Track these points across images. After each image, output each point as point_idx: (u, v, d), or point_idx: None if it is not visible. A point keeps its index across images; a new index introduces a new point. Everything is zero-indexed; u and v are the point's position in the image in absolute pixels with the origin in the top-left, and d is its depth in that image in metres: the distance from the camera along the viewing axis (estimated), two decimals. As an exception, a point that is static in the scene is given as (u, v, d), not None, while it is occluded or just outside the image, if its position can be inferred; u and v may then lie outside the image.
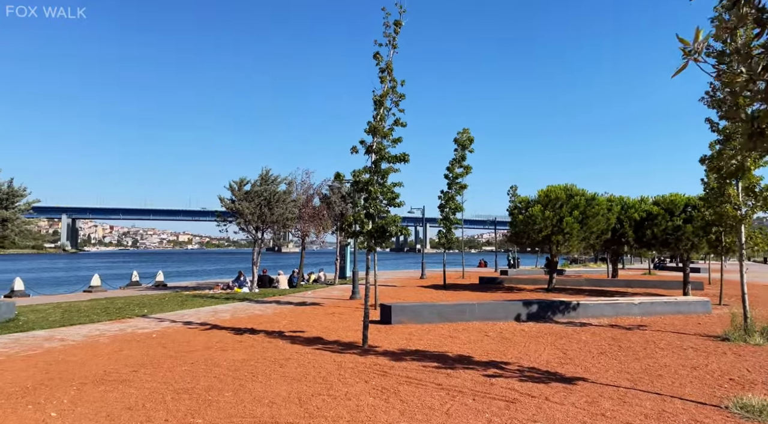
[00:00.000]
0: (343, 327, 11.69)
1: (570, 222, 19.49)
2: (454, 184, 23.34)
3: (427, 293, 20.87)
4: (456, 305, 12.50)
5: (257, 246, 21.60)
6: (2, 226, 12.50)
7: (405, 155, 9.74)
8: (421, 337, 10.42)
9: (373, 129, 9.77)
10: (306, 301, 17.47)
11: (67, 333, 10.74)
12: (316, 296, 19.22)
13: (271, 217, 20.74)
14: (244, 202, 20.10)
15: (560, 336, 10.67)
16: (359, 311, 14.52)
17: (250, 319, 12.97)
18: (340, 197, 24.88)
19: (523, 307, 12.91)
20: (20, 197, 13.09)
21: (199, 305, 15.91)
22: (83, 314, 13.62)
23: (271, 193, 20.72)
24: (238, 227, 21.25)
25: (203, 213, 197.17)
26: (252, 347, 9.29)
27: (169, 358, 8.30)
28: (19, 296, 19.06)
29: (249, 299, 17.99)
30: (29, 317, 13.14)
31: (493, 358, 8.51)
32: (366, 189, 9.79)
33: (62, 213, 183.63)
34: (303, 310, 14.88)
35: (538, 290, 22.06)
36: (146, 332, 10.85)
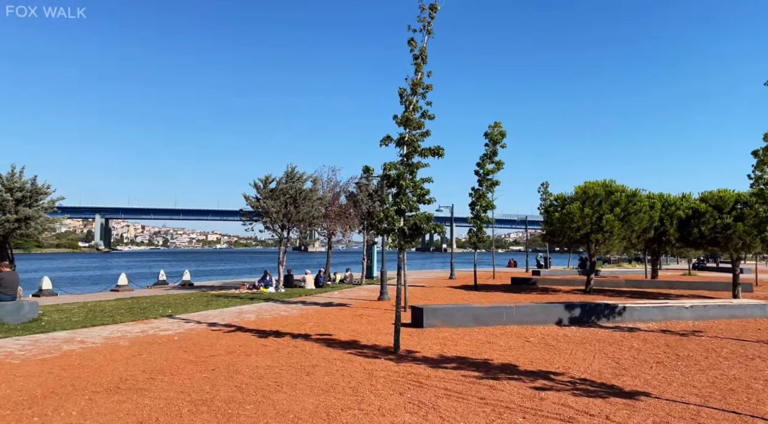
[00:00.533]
0: (373, 330, 11.05)
1: (610, 220, 18.44)
2: (485, 181, 22.44)
3: (458, 294, 20.09)
4: (492, 307, 11.72)
5: (283, 245, 21.17)
6: (25, 224, 12.29)
7: (439, 148, 9.03)
8: (456, 342, 9.70)
9: (405, 120, 9.10)
10: (333, 302, 16.91)
11: (88, 335, 10.39)
12: (343, 297, 18.65)
13: (297, 215, 20.26)
14: (270, 201, 19.67)
15: (608, 342, 9.80)
16: (389, 312, 13.88)
17: (276, 320, 12.45)
18: (367, 195, 24.31)
19: (565, 310, 12.05)
20: (44, 195, 12.87)
21: (224, 306, 15.51)
22: (107, 315, 13.34)
23: (296, 191, 20.24)
24: (264, 225, 20.85)
25: (231, 213, 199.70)
26: (277, 351, 8.73)
27: (189, 363, 7.79)
28: (47, 294, 19.06)
29: (275, 300, 17.54)
30: (53, 317, 12.91)
31: (539, 367, 7.74)
32: (396, 184, 9.12)
33: (96, 213, 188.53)
34: (330, 311, 14.31)
35: (575, 292, 21.03)
36: (168, 335, 10.42)
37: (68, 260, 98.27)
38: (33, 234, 12.41)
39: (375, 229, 9.36)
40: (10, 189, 12.29)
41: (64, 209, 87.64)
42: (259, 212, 20.65)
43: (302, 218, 20.42)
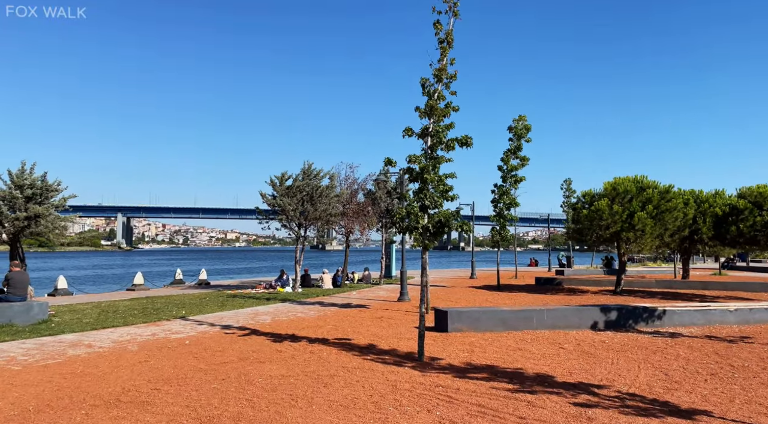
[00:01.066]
0: (394, 334, 10.40)
1: (642, 217, 17.49)
2: (508, 177, 21.62)
3: (481, 294, 19.34)
4: (521, 310, 10.98)
5: (300, 244, 20.65)
6: (35, 222, 11.92)
7: (467, 138, 8.34)
8: (484, 348, 9.00)
9: (429, 109, 8.44)
10: (351, 302, 16.31)
11: (97, 338, 9.94)
12: (362, 297, 18.05)
13: (314, 213, 19.72)
14: (286, 198, 19.15)
15: (651, 350, 9.01)
16: (410, 315, 13.23)
17: (292, 323, 11.89)
18: (386, 193, 23.67)
19: (600, 313, 11.24)
20: (54, 193, 12.50)
21: (239, 306, 15.02)
22: (119, 316, 12.93)
23: (313, 188, 19.69)
24: (280, 223, 20.35)
25: (249, 211, 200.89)
26: (292, 358, 8.14)
27: (198, 371, 7.24)
28: (62, 294, 18.83)
29: (291, 300, 17.01)
30: (64, 318, 12.54)
31: (579, 378, 7.01)
32: (420, 178, 8.45)
33: (118, 212, 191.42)
34: (348, 313, 13.71)
35: (603, 293, 20.11)
36: (179, 338, 9.91)
37: (91, 258, 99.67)
38: (43, 232, 12.05)
39: (397, 227, 8.71)
40: (20, 186, 11.94)
41: (87, 208, 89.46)
42: (276, 209, 20.16)
43: (319, 216, 19.87)
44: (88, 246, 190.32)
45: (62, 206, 12.73)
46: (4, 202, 11.71)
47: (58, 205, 12.62)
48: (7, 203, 11.78)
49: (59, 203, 12.67)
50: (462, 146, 8.39)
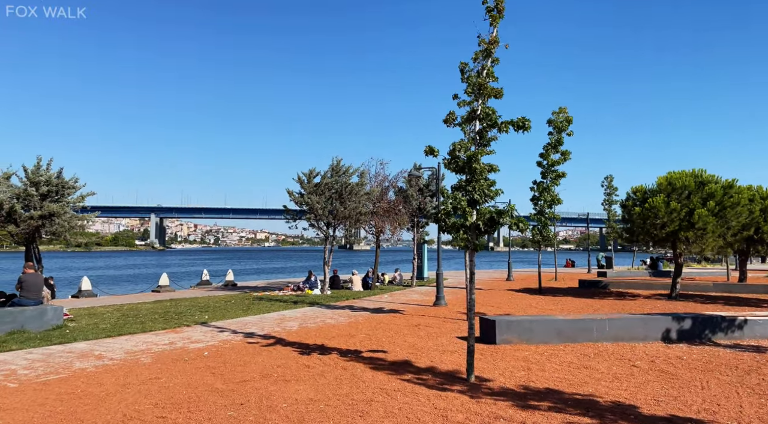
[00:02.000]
0: (435, 346, 9.25)
1: (703, 215, 15.86)
2: (549, 172, 20.14)
3: (523, 299, 17.99)
4: (578, 320, 9.68)
5: (329, 244, 19.69)
6: (49, 221, 11.22)
7: (524, 120, 7.13)
8: (542, 366, 7.77)
9: (477, 87, 7.26)
10: (383, 307, 15.22)
11: (110, 347, 9.10)
12: (395, 301, 16.94)
13: (343, 211, 18.72)
14: (314, 196, 18.21)
15: (743, 370, 7.61)
16: (449, 322, 12.05)
17: (321, 331, 10.87)
18: (418, 190, 22.53)
19: (670, 322, 9.85)
20: (71, 190, 11.80)
21: (265, 310, 14.11)
22: (138, 321, 12.15)
23: (342, 186, 18.69)
24: (308, 222, 19.44)
25: (278, 211, 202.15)
26: (322, 376, 7.08)
27: (214, 393, 6.25)
28: (86, 296, 18.34)
29: (320, 304, 16.03)
30: (81, 323, 11.83)
31: (669, 409, 5.73)
32: (468, 168, 7.29)
33: (151, 212, 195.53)
34: (381, 319, 12.61)
35: (656, 297, 18.49)
36: (198, 348, 8.99)
37: (125, 258, 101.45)
38: (59, 232, 11.36)
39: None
40: (36, 183, 11.29)
41: (121, 209, 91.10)
42: (304, 208, 19.26)
43: (349, 215, 18.87)
44: (123, 246, 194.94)
45: (79, 204, 12.03)
46: (18, 200, 11.07)
47: (75, 203, 11.92)
48: (21, 201, 11.14)
49: (76, 201, 11.97)
50: (518, 130, 7.19)
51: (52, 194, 11.48)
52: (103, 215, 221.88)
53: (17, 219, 11.04)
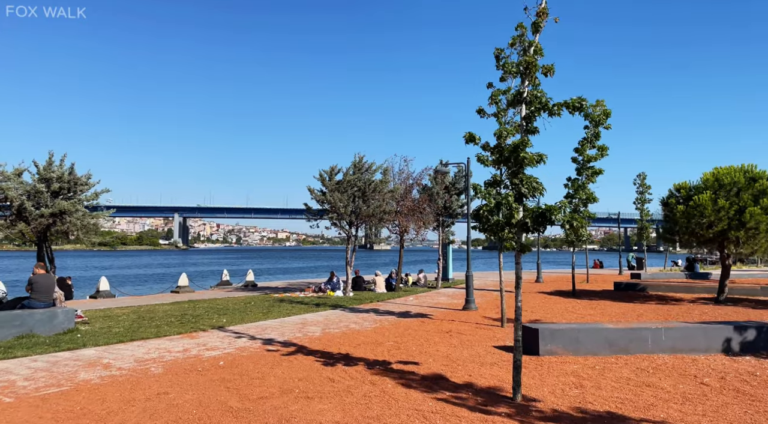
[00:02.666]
0: (470, 356, 8.40)
1: (756, 213, 14.64)
2: (585, 169, 19.04)
3: (557, 302, 16.97)
4: (631, 329, 8.71)
5: (351, 244, 18.95)
6: (60, 219, 10.69)
7: (581, 100, 6.23)
8: (597, 382, 6.85)
9: (525, 66, 6.39)
10: (410, 311, 14.40)
11: (120, 354, 8.48)
12: (421, 304, 16.09)
13: (366, 210, 17.94)
14: (336, 194, 17.47)
15: (832, 391, 6.58)
16: (482, 328, 11.16)
17: (345, 337, 10.10)
18: (444, 188, 21.64)
19: (734, 332, 8.80)
20: (85, 187, 11.27)
21: (286, 313, 13.42)
22: (154, 324, 11.57)
23: (366, 183, 17.92)
24: (330, 221, 18.73)
25: (299, 211, 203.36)
26: (348, 392, 6.30)
27: (227, 413, 5.52)
28: (104, 296, 17.94)
29: (343, 306, 15.29)
30: (94, 326, 11.29)
31: (764, 444, 4.79)
32: (514, 157, 6.42)
33: (174, 212, 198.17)
34: (409, 325, 11.79)
35: (701, 301, 17.26)
36: (213, 356, 8.31)
37: (150, 257, 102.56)
38: (71, 230, 10.84)
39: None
40: (47, 179, 10.78)
41: (146, 208, 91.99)
42: (325, 207, 18.56)
43: (372, 213, 18.08)
44: (147, 245, 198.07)
45: (93, 202, 11.49)
46: (28, 198, 10.58)
47: (88, 201, 11.39)
48: (32, 199, 10.65)
49: (90, 198, 11.44)
50: (574, 112, 6.29)
51: (64, 191, 10.96)
52: (128, 214, 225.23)
53: (28, 217, 10.54)
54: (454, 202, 22.01)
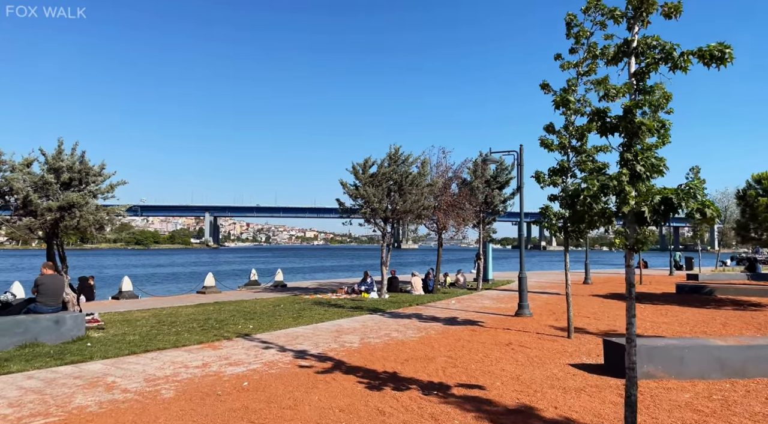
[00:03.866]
0: (546, 379, 6.86)
1: None
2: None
3: (619, 308, 15.18)
4: (749, 347, 7.02)
5: (386, 242, 17.54)
6: (68, 214, 9.59)
7: (723, 46, 4.63)
8: (727, 421, 5.24)
9: (638, 4, 4.84)
10: (456, 316, 12.88)
11: (129, 370, 7.25)
12: (466, 309, 14.55)
13: (403, 205, 16.48)
14: (370, 188, 16.08)
15: None
16: (546, 340, 9.57)
17: (388, 349, 8.68)
18: (485, 182, 20.03)
19: None
20: (97, 178, 10.15)
21: (318, 319, 12.09)
22: (173, 331, 10.38)
23: (402, 176, 16.47)
24: (364, 218, 17.36)
25: (327, 210, 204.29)
26: (404, 431, 4.87)
27: (249, 463, 4.15)
28: (127, 297, 17.00)
29: (380, 310, 13.88)
30: (108, 332, 10.17)
31: None
32: (626, 126, 4.87)
33: (205, 211, 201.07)
34: (459, 334, 10.29)
35: (785, 307, 15.21)
36: (236, 375, 6.99)
37: (181, 255, 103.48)
38: (82, 226, 9.74)
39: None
40: (56, 170, 9.71)
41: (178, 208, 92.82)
42: (357, 203, 17.20)
43: (409, 209, 16.62)
44: (179, 244, 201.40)
45: (109, 194, 10.37)
46: (35, 190, 9.52)
47: (102, 194, 10.28)
48: (39, 191, 9.59)
49: (105, 191, 10.32)
50: (710, 64, 4.70)
51: (75, 183, 9.87)
52: (161, 214, 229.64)
53: (35, 211, 9.48)
54: (495, 197, 20.36)
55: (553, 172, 10.09)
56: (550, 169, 10.13)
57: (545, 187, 10.26)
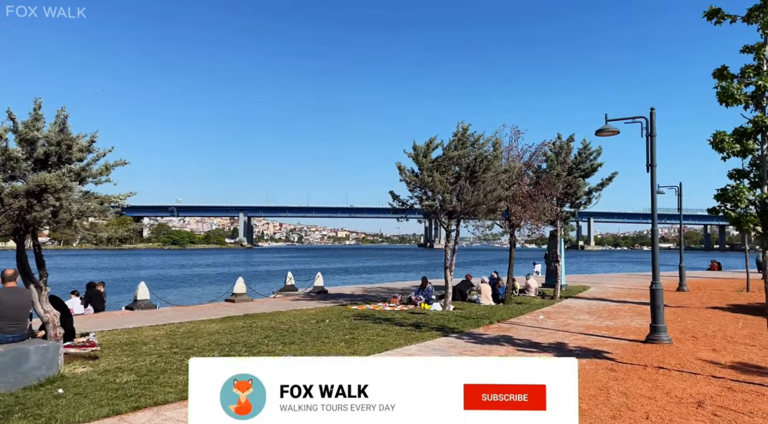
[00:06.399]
0: None
1: None
2: None
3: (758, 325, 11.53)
4: None
5: (451, 242, 14.37)
6: (40, 201, 6.78)
7: None
8: None
9: None
10: (563, 341, 9.58)
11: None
12: (565, 327, 11.21)
13: (475, 196, 13.26)
14: (437, 174, 12.93)
15: None
16: (746, 393, 6.15)
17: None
18: (567, 169, 16.65)
19: None
20: (83, 154, 7.33)
21: (379, 343, 9.03)
22: (185, 365, 7.48)
23: (476, 160, 13.26)
24: (424, 212, 14.26)
25: (359, 210, 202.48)
26: None
27: None
28: (143, 307, 14.32)
29: (453, 329, 10.71)
30: (99, 366, 7.34)
31: None
32: None
33: (240, 212, 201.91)
34: (595, 377, 7.01)
35: None
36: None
37: (216, 256, 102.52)
38: (63, 219, 6.96)
39: None
40: (30, 141, 6.97)
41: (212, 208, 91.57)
42: (414, 196, 14.10)
43: (482, 201, 13.38)
44: (214, 244, 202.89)
45: (104, 178, 7.57)
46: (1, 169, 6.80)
47: (91, 176, 7.48)
48: (5, 169, 6.87)
49: (98, 173, 7.53)
50: None
51: (53, 160, 7.11)
52: (197, 214, 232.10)
53: (2, 198, 6.78)
54: (580, 188, 16.90)
55: (742, 135, 6.79)
56: (737, 130, 6.84)
57: (730, 156, 6.98)
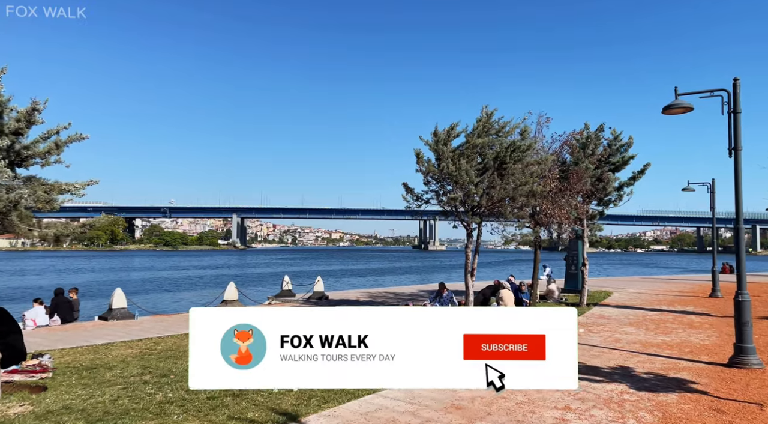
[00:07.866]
0: None
1: None
2: None
3: None
4: None
5: (472, 244, 12.64)
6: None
7: None
8: None
9: None
10: (628, 365, 7.83)
11: None
12: (614, 344, 9.48)
13: (504, 190, 11.53)
14: (463, 162, 11.16)
15: None
16: None
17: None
18: (595, 162, 14.98)
19: None
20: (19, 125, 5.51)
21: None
22: (156, 399, 5.66)
23: (507, 148, 11.51)
24: (443, 209, 12.52)
25: (353, 211, 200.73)
26: None
27: None
28: (119, 317, 12.44)
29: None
30: (44, 400, 5.51)
31: None
32: None
33: (233, 213, 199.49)
34: (700, 418, 5.28)
35: None
36: None
37: (209, 257, 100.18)
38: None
39: None
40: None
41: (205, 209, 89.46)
42: (431, 189, 12.37)
43: (511, 195, 11.65)
44: (207, 245, 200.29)
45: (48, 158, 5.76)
46: None
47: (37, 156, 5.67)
48: None
49: (42, 152, 5.72)
50: None
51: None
52: (190, 215, 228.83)
53: None
54: (609, 183, 15.22)
55: None
56: None
57: None
